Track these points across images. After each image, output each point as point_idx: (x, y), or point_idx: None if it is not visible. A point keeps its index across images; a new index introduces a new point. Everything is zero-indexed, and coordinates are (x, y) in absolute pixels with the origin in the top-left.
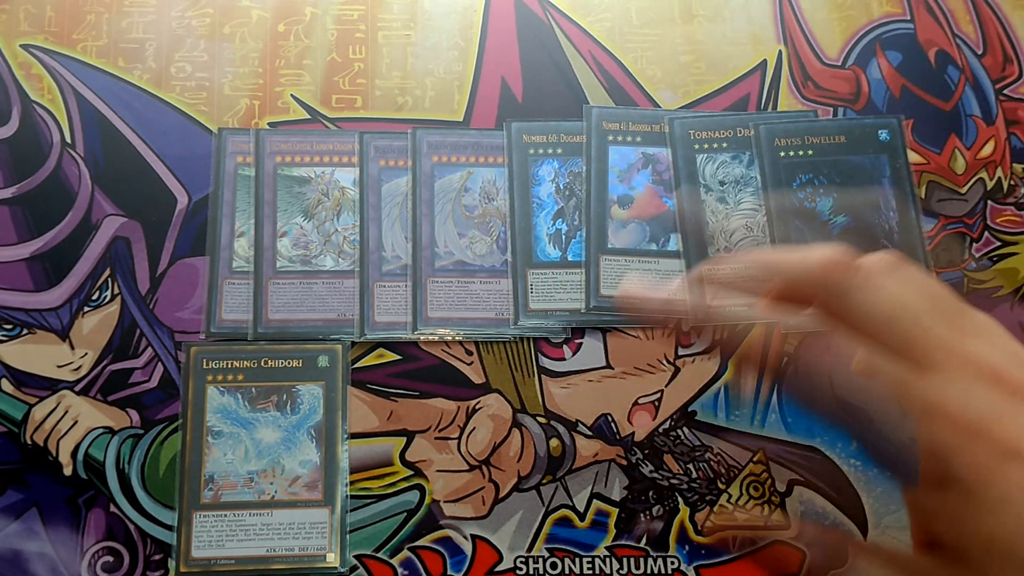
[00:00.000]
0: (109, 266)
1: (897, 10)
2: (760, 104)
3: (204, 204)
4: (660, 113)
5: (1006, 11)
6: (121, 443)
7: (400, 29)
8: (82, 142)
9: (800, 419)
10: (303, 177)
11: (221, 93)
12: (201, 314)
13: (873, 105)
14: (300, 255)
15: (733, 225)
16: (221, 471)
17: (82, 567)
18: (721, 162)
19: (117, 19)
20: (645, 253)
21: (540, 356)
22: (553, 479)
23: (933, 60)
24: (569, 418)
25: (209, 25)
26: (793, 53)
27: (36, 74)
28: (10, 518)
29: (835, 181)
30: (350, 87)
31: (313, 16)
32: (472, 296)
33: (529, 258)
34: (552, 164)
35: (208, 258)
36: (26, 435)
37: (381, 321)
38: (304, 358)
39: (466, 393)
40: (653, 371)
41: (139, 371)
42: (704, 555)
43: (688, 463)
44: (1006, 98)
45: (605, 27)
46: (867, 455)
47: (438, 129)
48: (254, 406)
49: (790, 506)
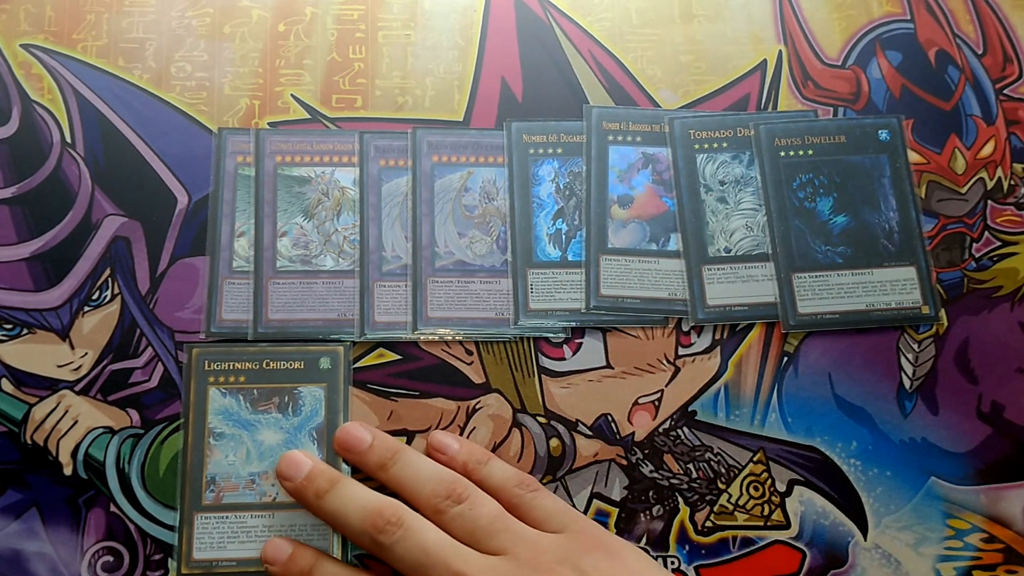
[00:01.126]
0: (109, 266)
1: (897, 10)
2: (760, 104)
3: (204, 204)
4: (660, 113)
5: (1006, 11)
6: (121, 443)
7: (400, 29)
8: (82, 142)
9: (800, 419)
10: (303, 177)
11: (221, 93)
12: (201, 314)
13: (873, 105)
14: (300, 255)
15: (733, 225)
16: (223, 473)
17: (82, 567)
18: (721, 162)
19: (117, 19)
20: (645, 253)
21: (540, 356)
22: (553, 479)
23: (933, 60)
24: (569, 418)
25: (209, 25)
26: (793, 53)
27: (36, 74)
28: (10, 518)
29: (835, 181)
30: (350, 87)
31: (313, 16)
32: (472, 296)
33: (529, 258)
34: (552, 164)
35: (208, 258)
36: (26, 435)
37: (381, 321)
38: (306, 360)
39: (466, 393)
40: (653, 371)
41: (139, 371)
42: (704, 555)
43: (688, 463)
44: (1006, 98)
45: (605, 27)
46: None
47: (438, 129)
48: (256, 408)
49: (790, 506)
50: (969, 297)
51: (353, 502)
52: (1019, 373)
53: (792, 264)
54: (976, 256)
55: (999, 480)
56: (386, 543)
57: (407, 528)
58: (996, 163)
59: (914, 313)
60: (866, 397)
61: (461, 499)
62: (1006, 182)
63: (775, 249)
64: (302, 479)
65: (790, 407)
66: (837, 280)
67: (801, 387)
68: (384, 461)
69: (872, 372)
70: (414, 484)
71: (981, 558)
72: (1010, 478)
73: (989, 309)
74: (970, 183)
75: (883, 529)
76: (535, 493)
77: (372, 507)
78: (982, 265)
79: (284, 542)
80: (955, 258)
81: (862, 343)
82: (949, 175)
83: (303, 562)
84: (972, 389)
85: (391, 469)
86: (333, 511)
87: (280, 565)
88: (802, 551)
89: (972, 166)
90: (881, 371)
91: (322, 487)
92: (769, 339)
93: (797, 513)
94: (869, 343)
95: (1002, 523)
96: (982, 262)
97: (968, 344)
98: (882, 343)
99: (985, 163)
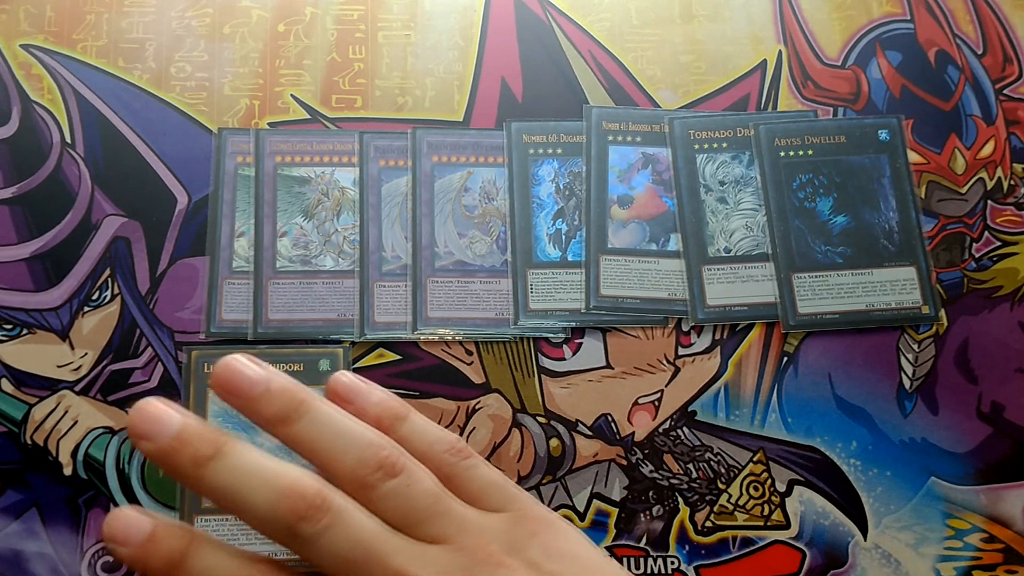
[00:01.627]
0: (109, 266)
1: (897, 10)
2: (760, 104)
3: (204, 204)
4: (660, 113)
5: (1006, 11)
6: (121, 443)
7: (400, 29)
8: (82, 142)
9: (800, 419)
10: (303, 177)
11: (221, 93)
12: (201, 314)
13: (873, 105)
14: (300, 255)
15: (733, 225)
16: None
17: (82, 567)
18: (721, 162)
19: (117, 19)
20: (645, 253)
21: (540, 356)
22: (553, 479)
23: (933, 60)
24: (569, 418)
25: (209, 25)
26: (793, 53)
27: (36, 74)
28: (10, 518)
29: (835, 181)
30: (350, 87)
31: (313, 16)
32: (472, 296)
33: (529, 258)
34: (552, 164)
35: (208, 258)
36: (26, 435)
37: (381, 321)
38: (305, 362)
39: (466, 393)
40: (653, 371)
41: (139, 371)
42: (704, 555)
43: (688, 463)
44: (1006, 98)
45: (605, 27)
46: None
47: (438, 129)
48: None
49: (790, 506)
50: (969, 297)
51: (254, 475)
52: (1019, 373)
53: (792, 264)
54: (976, 256)
55: (999, 480)
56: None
57: (335, 514)
58: (996, 163)
59: (914, 313)
60: (866, 397)
61: (395, 471)
62: (1006, 182)
63: (775, 249)
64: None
65: (790, 407)
66: (837, 280)
67: (801, 387)
68: (287, 412)
69: (872, 372)
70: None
71: (981, 558)
72: (1010, 478)
73: (989, 309)
74: (970, 183)
75: (883, 529)
76: (469, 461)
77: (285, 484)
78: (982, 265)
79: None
80: (955, 258)
81: (862, 343)
82: (949, 175)
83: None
84: (972, 389)
85: (296, 424)
86: (223, 487)
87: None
88: (802, 551)
89: (972, 166)
90: (881, 371)
91: (203, 451)
92: (769, 339)
93: (797, 513)
94: (869, 343)
95: (1002, 523)
96: (982, 262)
97: (968, 344)
98: (882, 343)
99: (985, 163)
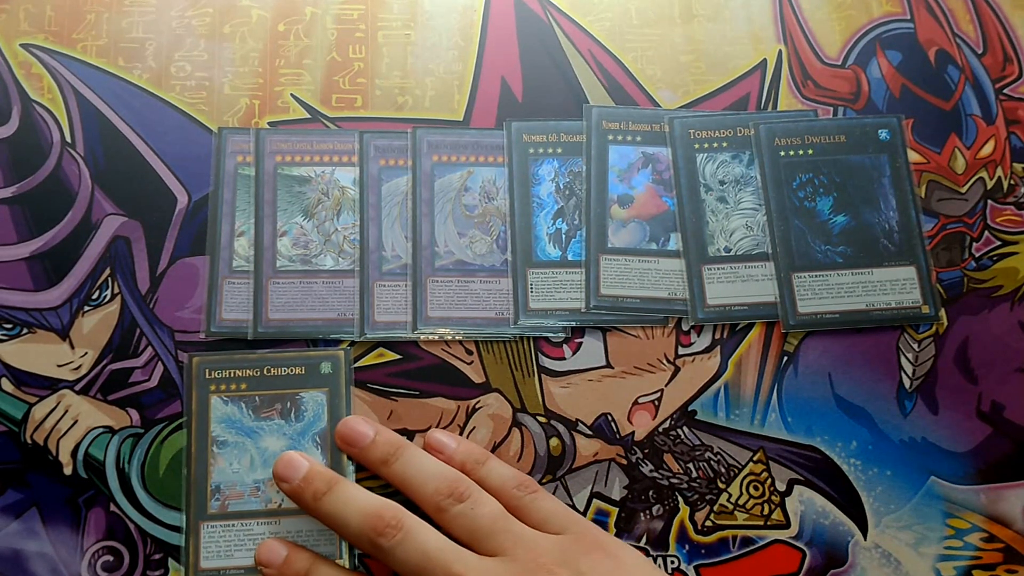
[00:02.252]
0: (109, 266)
1: (897, 10)
2: (760, 104)
3: (204, 204)
4: (660, 113)
5: (1006, 11)
6: (121, 442)
7: (400, 29)
8: (82, 142)
9: (800, 418)
10: (303, 177)
11: (221, 93)
12: (201, 313)
13: (873, 105)
14: (300, 255)
15: (733, 225)
16: (227, 481)
17: (82, 567)
18: (721, 161)
19: (117, 19)
20: (645, 252)
21: (540, 355)
22: (553, 478)
23: (933, 60)
24: (569, 417)
25: (209, 25)
26: (793, 53)
27: (36, 74)
28: (10, 518)
29: (835, 181)
30: (350, 87)
31: (313, 16)
32: (472, 296)
33: (529, 257)
34: (552, 163)
35: (208, 258)
36: (26, 435)
37: (381, 320)
38: (306, 365)
39: (466, 393)
40: (653, 371)
41: (139, 370)
42: (704, 555)
43: (688, 463)
44: (1006, 97)
45: (605, 27)
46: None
47: (438, 129)
48: (258, 415)
49: (790, 506)
50: (969, 297)
51: (352, 504)
52: (1019, 373)
53: (792, 264)
54: (976, 256)
55: (999, 480)
56: (386, 546)
57: (407, 531)
58: (996, 163)
59: (914, 313)
60: (866, 397)
61: (463, 497)
62: (1006, 182)
63: (775, 249)
64: (299, 480)
65: (790, 407)
66: (837, 280)
67: (801, 387)
68: (387, 456)
69: (872, 372)
70: (417, 481)
71: (981, 558)
72: (1010, 478)
73: (989, 309)
74: (970, 183)
75: (883, 529)
76: (534, 495)
77: (371, 509)
78: (982, 265)
79: (279, 544)
80: (955, 258)
81: (862, 343)
82: (949, 175)
83: (299, 565)
84: (972, 389)
85: (393, 465)
86: (332, 513)
87: (275, 568)
88: (802, 551)
89: (972, 166)
90: (881, 371)
91: (320, 488)
92: (769, 339)
93: (797, 512)
94: (869, 343)
95: (1002, 523)
96: (982, 262)
97: (968, 344)
98: (882, 343)
99: (985, 163)
